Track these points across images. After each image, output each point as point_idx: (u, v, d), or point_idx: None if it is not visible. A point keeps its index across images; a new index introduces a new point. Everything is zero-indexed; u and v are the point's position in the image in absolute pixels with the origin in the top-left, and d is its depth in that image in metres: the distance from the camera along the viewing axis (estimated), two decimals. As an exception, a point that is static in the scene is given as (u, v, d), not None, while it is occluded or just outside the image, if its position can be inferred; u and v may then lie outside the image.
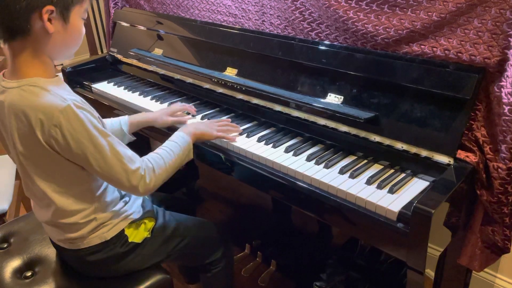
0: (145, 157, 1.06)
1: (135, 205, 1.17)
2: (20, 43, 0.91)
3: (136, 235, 1.14)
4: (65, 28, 0.94)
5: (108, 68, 1.93)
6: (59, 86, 0.94)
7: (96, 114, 0.99)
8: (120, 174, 0.98)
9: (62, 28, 0.93)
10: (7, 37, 0.91)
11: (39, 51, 0.93)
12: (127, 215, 1.13)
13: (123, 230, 1.12)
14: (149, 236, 1.16)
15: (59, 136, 0.90)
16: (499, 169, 0.96)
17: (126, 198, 1.15)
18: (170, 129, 1.39)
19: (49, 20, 0.90)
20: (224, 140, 1.25)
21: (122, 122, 1.32)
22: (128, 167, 0.98)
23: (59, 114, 0.88)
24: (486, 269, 1.27)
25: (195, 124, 1.26)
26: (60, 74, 1.72)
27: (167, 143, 1.14)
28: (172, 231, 1.21)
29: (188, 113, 1.44)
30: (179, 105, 1.43)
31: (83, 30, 1.00)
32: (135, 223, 1.15)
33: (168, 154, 1.10)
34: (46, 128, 0.89)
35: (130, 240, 1.13)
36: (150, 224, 1.18)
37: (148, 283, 1.14)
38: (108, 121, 1.29)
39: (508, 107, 0.92)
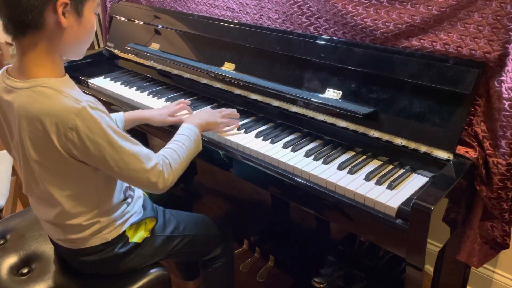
0: (160, 153, 1.05)
1: (136, 206, 1.16)
2: (31, 39, 0.87)
3: (137, 236, 1.13)
4: (79, 22, 0.90)
5: (104, 63, 1.91)
6: (71, 86, 0.91)
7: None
8: (140, 172, 0.96)
9: (75, 23, 0.90)
10: (18, 33, 0.87)
11: (51, 48, 0.89)
12: (128, 217, 1.12)
13: (124, 231, 1.11)
14: (149, 236, 1.16)
15: (76, 139, 0.87)
16: (499, 165, 0.96)
17: (129, 200, 1.14)
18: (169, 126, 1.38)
19: (63, 14, 0.86)
20: (223, 135, 1.23)
21: (117, 118, 1.30)
22: (147, 165, 0.97)
23: (74, 116, 0.85)
24: (484, 265, 1.26)
25: (199, 114, 1.24)
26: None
27: (178, 136, 1.13)
28: (173, 231, 1.21)
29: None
30: (178, 107, 1.38)
31: (95, 25, 0.96)
32: (136, 223, 1.14)
33: (181, 148, 1.09)
34: (62, 132, 0.86)
35: (130, 241, 1.12)
36: (151, 224, 1.17)
37: (146, 279, 1.13)
38: None
39: (508, 102, 0.92)
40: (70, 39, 0.91)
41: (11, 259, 1.17)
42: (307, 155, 1.14)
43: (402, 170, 1.06)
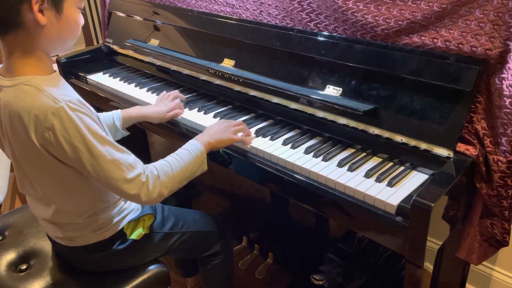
0: (151, 164, 1.00)
1: (134, 203, 1.15)
2: (13, 37, 0.86)
3: (135, 232, 1.13)
4: (59, 19, 0.88)
5: (103, 59, 1.90)
6: (55, 85, 0.89)
7: (95, 115, 0.93)
8: (119, 181, 0.91)
9: (55, 19, 0.88)
10: (0, 31, 0.86)
11: (33, 46, 0.88)
12: (126, 214, 1.11)
13: (122, 228, 1.10)
14: (148, 232, 1.15)
15: (52, 139, 0.85)
16: (499, 162, 0.95)
17: None
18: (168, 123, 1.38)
19: (41, 11, 0.85)
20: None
21: (115, 116, 1.28)
22: (127, 175, 0.91)
23: (51, 116, 0.83)
24: (484, 262, 1.26)
25: (210, 131, 1.16)
26: (55, 66, 1.69)
27: (178, 151, 1.07)
28: (171, 227, 1.20)
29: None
30: (173, 104, 1.37)
31: (81, 20, 0.94)
32: (134, 220, 1.14)
33: (177, 162, 1.02)
34: (40, 131, 0.85)
35: (129, 238, 1.12)
36: (149, 221, 1.17)
37: (145, 276, 1.13)
38: (100, 115, 1.24)
39: (509, 100, 0.91)
40: (52, 36, 0.89)
41: (10, 256, 1.17)
42: (307, 152, 1.13)
43: (402, 168, 1.06)
